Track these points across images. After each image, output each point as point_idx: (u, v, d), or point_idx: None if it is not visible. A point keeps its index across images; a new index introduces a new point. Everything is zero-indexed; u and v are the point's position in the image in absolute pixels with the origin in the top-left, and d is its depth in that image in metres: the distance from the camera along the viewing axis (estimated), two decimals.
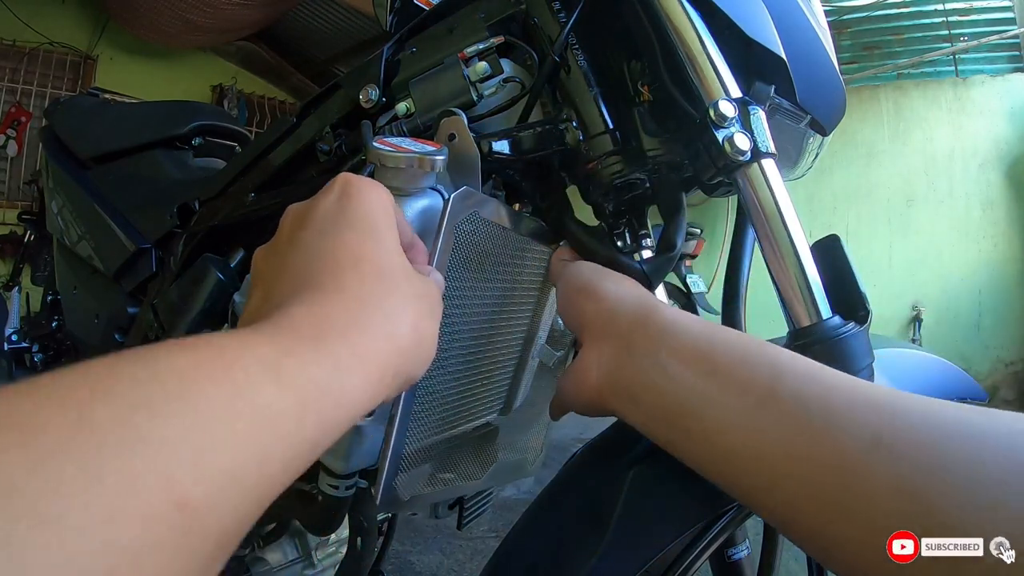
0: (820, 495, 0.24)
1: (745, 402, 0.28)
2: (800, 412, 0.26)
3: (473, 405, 0.49)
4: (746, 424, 0.27)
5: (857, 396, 0.26)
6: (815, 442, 0.25)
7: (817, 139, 0.55)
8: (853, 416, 0.25)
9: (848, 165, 3.70)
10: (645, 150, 0.47)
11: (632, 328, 0.35)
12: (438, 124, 0.44)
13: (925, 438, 0.23)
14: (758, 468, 0.27)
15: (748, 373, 0.29)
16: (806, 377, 0.27)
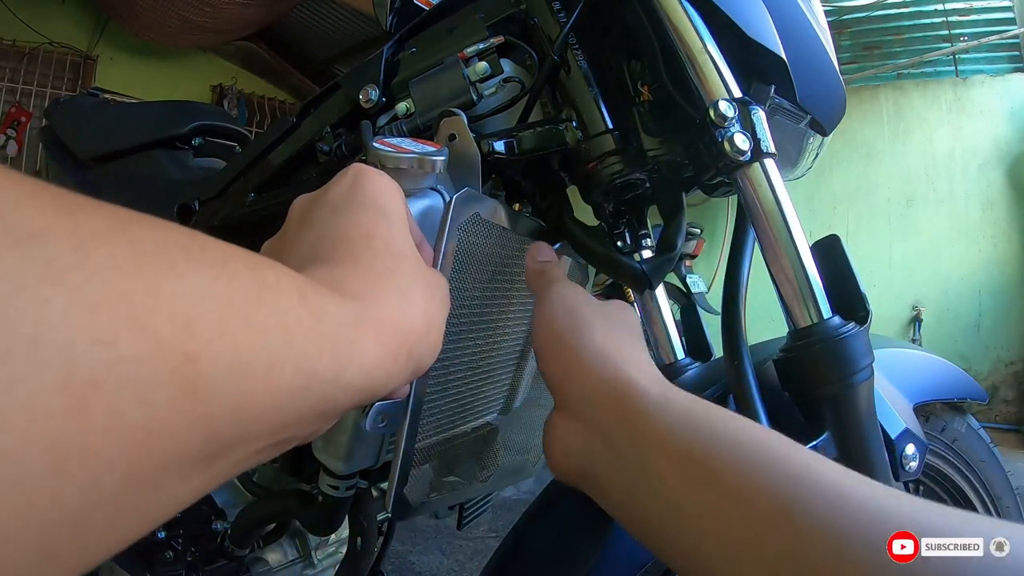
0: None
1: (753, 520, 0.23)
2: (820, 535, 0.22)
3: (473, 405, 0.49)
4: (753, 550, 0.23)
5: (882, 514, 0.22)
6: (840, 570, 0.21)
7: (817, 139, 0.55)
8: (875, 541, 0.21)
9: (848, 165, 3.71)
10: (645, 150, 0.47)
11: (606, 409, 0.29)
12: (438, 124, 0.44)
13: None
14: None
15: (758, 486, 0.24)
16: (832, 500, 0.23)
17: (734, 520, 0.24)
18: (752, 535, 0.23)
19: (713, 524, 0.24)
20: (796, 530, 0.22)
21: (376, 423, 0.37)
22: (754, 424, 0.27)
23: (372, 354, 0.21)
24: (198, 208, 0.78)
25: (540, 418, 0.57)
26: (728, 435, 0.25)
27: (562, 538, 0.44)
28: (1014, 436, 3.11)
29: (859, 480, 0.24)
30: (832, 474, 0.24)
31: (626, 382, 0.29)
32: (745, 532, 0.23)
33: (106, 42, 4.07)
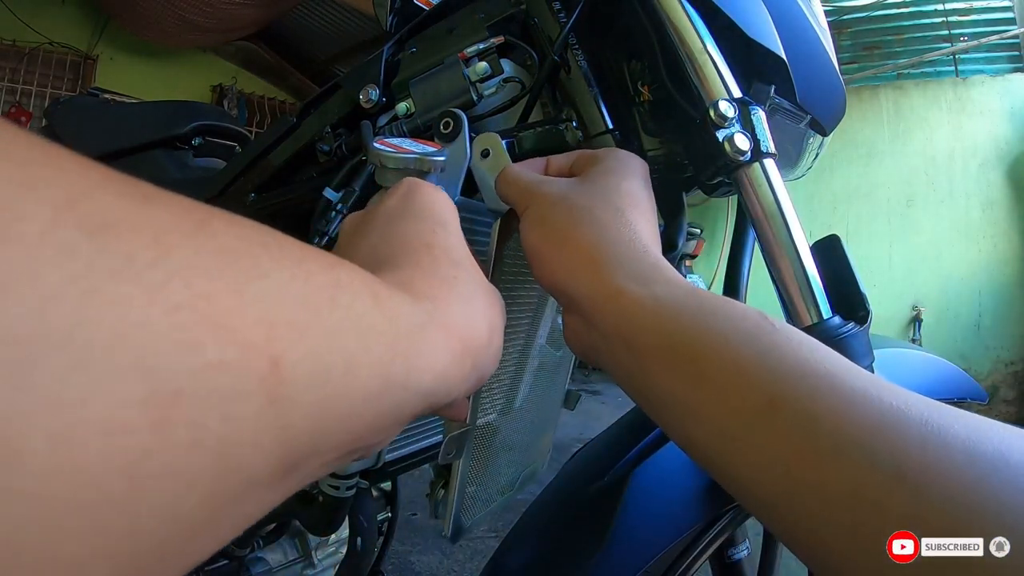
0: (825, 527, 0.21)
1: (740, 417, 0.23)
2: (807, 431, 0.22)
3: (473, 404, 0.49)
4: (741, 438, 0.23)
5: (882, 413, 0.21)
6: (823, 467, 0.21)
7: (817, 139, 0.55)
8: (873, 441, 0.20)
9: (848, 165, 3.71)
10: (645, 150, 0.47)
11: (593, 312, 0.29)
12: (439, 124, 0.44)
13: (962, 480, 0.19)
14: (755, 486, 0.23)
15: (742, 382, 0.23)
16: (818, 385, 0.22)
17: (718, 415, 0.24)
18: (736, 428, 0.23)
19: (699, 418, 0.25)
20: (778, 428, 0.22)
21: (447, 455, 0.37)
22: (740, 307, 0.26)
23: (442, 359, 0.20)
24: None
25: (541, 418, 0.57)
26: (714, 333, 0.25)
27: (562, 538, 0.44)
28: None
29: (854, 374, 0.23)
30: (823, 365, 0.23)
31: (611, 291, 0.28)
32: (730, 424, 0.23)
33: (106, 42, 4.07)
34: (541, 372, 0.55)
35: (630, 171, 0.35)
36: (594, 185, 0.33)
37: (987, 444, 0.20)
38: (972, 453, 0.19)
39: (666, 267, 0.29)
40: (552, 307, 0.52)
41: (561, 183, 0.34)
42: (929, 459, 0.20)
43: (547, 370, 0.55)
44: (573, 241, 0.30)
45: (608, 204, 0.32)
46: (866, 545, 0.20)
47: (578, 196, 0.32)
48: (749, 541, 0.54)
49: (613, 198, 0.32)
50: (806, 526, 0.22)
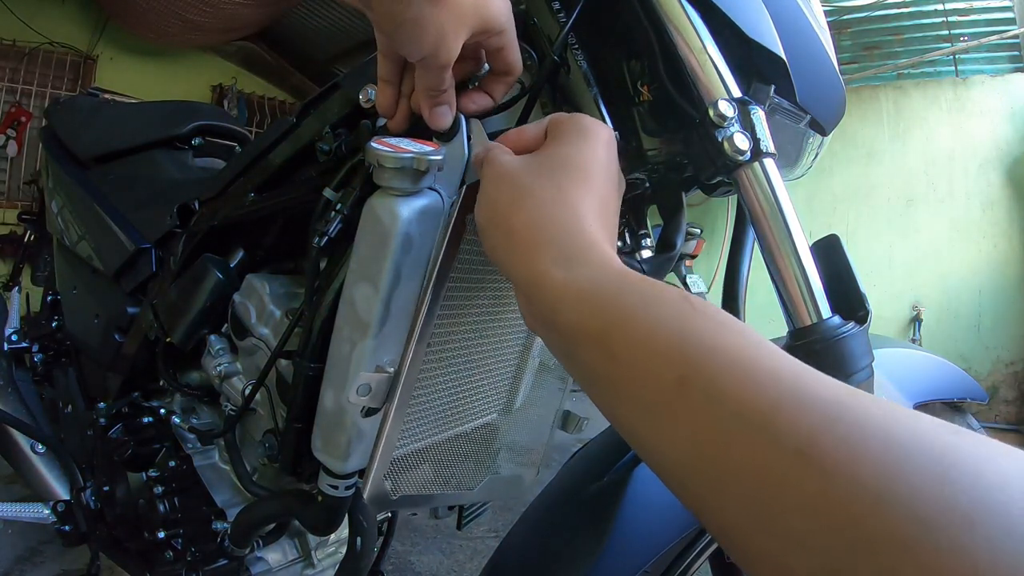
0: (731, 503, 0.21)
1: (652, 394, 0.24)
2: (713, 408, 0.22)
3: (473, 404, 0.49)
4: (655, 415, 0.24)
5: (792, 390, 0.21)
6: (728, 444, 0.21)
7: (817, 139, 0.55)
8: (778, 417, 0.21)
9: (848, 165, 3.71)
10: (645, 150, 0.47)
11: (526, 295, 0.30)
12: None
13: (876, 464, 0.18)
14: (669, 463, 0.24)
15: (654, 360, 0.24)
16: (727, 362, 0.23)
17: (631, 391, 0.25)
18: (647, 403, 0.24)
19: (616, 393, 0.26)
20: (687, 405, 0.23)
21: (359, 395, 0.37)
22: (661, 287, 0.27)
23: None
24: (198, 208, 0.78)
25: (541, 420, 0.57)
26: (628, 309, 0.26)
27: (562, 538, 0.44)
28: (1014, 436, 3.11)
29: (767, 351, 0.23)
30: (735, 343, 0.23)
31: (534, 269, 0.29)
32: (642, 400, 0.24)
33: (106, 42, 4.07)
34: (542, 372, 0.55)
35: (588, 141, 0.34)
36: (545, 159, 0.34)
37: (903, 430, 0.19)
38: (888, 438, 0.19)
39: (598, 247, 0.30)
40: None
41: (513, 159, 0.34)
42: (839, 440, 0.19)
43: (548, 371, 0.55)
44: (510, 221, 0.31)
45: (551, 181, 0.32)
46: (768, 523, 0.20)
47: (523, 173, 0.33)
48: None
49: (558, 175, 0.33)
50: (714, 503, 0.22)
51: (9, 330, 1.12)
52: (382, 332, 0.40)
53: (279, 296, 0.65)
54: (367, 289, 0.40)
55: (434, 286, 0.38)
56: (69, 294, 1.04)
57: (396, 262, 0.39)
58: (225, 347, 0.71)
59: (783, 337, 0.42)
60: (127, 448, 0.80)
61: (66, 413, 1.00)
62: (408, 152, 0.38)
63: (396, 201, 0.39)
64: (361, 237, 0.41)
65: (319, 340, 0.53)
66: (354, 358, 0.41)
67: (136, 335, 0.83)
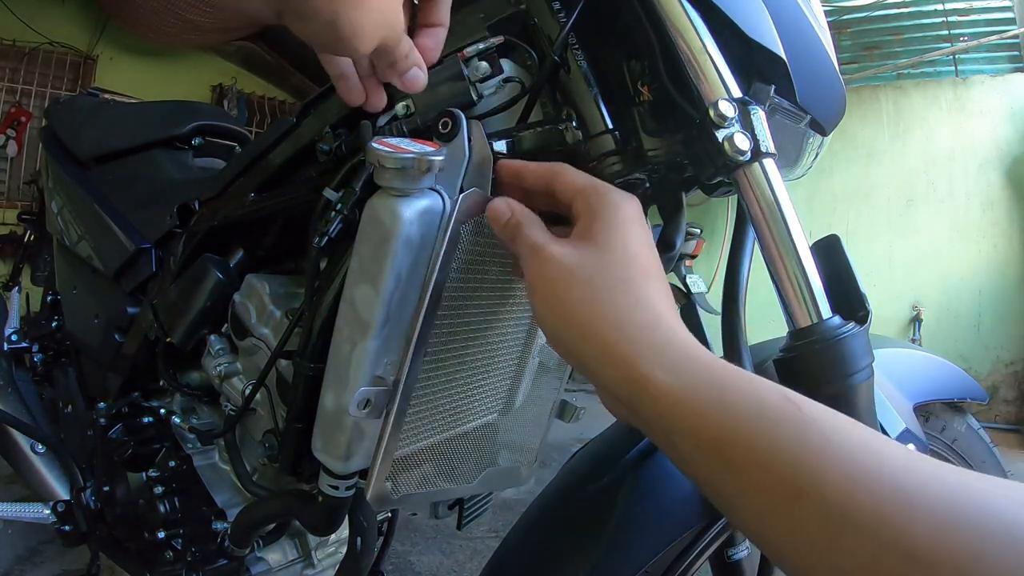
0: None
1: (771, 502, 0.25)
2: (828, 520, 0.24)
3: (474, 405, 0.49)
4: (774, 522, 0.26)
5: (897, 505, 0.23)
6: (843, 551, 0.23)
7: (817, 139, 0.55)
8: (890, 528, 0.22)
9: (848, 165, 3.71)
10: (645, 150, 0.47)
11: (627, 401, 0.31)
12: (437, 124, 0.44)
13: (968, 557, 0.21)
14: (788, 561, 0.26)
15: (771, 475, 0.26)
16: (838, 475, 0.24)
17: (749, 500, 0.26)
18: (766, 512, 0.26)
19: (735, 500, 0.27)
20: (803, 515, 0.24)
21: (359, 408, 0.37)
22: (764, 386, 0.28)
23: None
24: (198, 208, 0.78)
25: (539, 418, 0.57)
26: (744, 417, 0.27)
27: (562, 538, 0.44)
28: (1014, 436, 3.11)
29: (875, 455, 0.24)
30: (841, 452, 0.25)
31: (639, 383, 0.30)
32: (761, 509, 0.26)
33: (106, 42, 4.07)
34: (541, 372, 0.55)
35: (631, 223, 0.35)
36: (599, 252, 0.33)
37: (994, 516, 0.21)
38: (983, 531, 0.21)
39: (691, 345, 0.31)
40: None
41: (565, 247, 0.34)
42: (938, 538, 0.21)
43: (548, 371, 0.55)
44: (589, 324, 0.31)
45: (618, 276, 0.33)
46: None
47: (583, 266, 0.33)
48: (749, 541, 0.54)
49: (622, 269, 0.33)
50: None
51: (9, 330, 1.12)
52: (383, 333, 0.40)
53: (279, 296, 0.65)
54: (368, 290, 0.40)
55: (432, 293, 0.38)
56: (69, 294, 1.04)
57: (397, 263, 0.39)
58: (225, 347, 0.71)
59: (783, 337, 0.42)
60: (127, 448, 0.80)
61: (66, 413, 1.00)
62: (409, 152, 0.38)
63: (397, 201, 0.39)
64: (362, 237, 0.41)
65: (319, 340, 0.53)
66: (355, 358, 0.41)
67: (136, 335, 0.83)
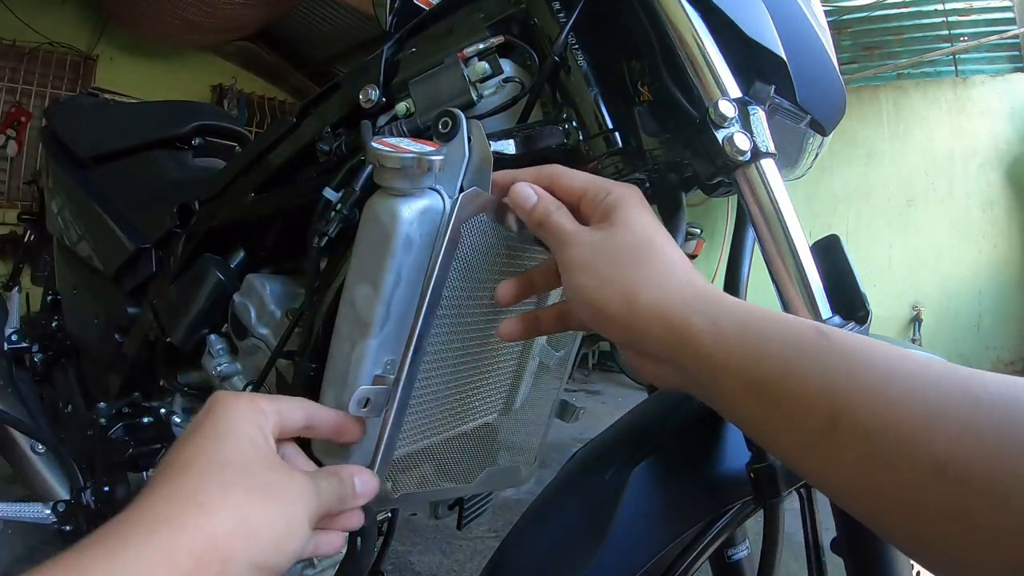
0: (891, 522, 0.25)
1: (810, 433, 0.27)
2: (861, 442, 0.25)
3: (474, 405, 0.49)
4: (814, 452, 0.27)
5: (924, 419, 0.24)
6: (877, 472, 0.24)
7: (817, 139, 0.55)
8: (914, 445, 0.23)
9: (848, 165, 3.71)
10: (645, 150, 0.47)
11: (673, 356, 0.32)
12: (437, 124, 0.44)
13: (996, 466, 0.22)
14: (833, 491, 0.27)
15: (807, 404, 0.27)
16: (869, 403, 0.25)
17: (791, 433, 0.27)
18: (807, 444, 0.27)
19: (777, 435, 0.28)
20: (839, 443, 0.25)
21: (359, 407, 0.37)
22: (798, 325, 0.29)
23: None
24: (198, 208, 0.78)
25: (539, 418, 0.57)
26: (778, 352, 0.28)
27: (562, 538, 0.44)
28: None
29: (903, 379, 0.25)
30: (874, 382, 0.26)
31: (681, 333, 0.31)
32: (802, 441, 0.27)
33: (106, 42, 4.07)
34: (541, 372, 0.55)
35: (639, 207, 0.36)
36: (621, 230, 0.35)
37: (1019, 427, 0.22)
38: (1003, 439, 0.22)
39: (709, 288, 0.33)
40: None
41: (592, 232, 0.36)
42: (966, 452, 0.22)
43: (548, 371, 0.55)
44: (621, 287, 0.33)
45: (641, 244, 0.35)
46: (922, 536, 0.23)
47: (612, 244, 0.35)
48: (749, 541, 0.54)
49: (644, 240, 0.35)
50: (875, 522, 0.26)
51: (9, 330, 1.12)
52: (383, 332, 0.41)
53: (279, 296, 0.65)
54: (367, 289, 0.40)
55: (432, 293, 0.38)
56: (69, 294, 1.04)
57: (397, 262, 0.39)
58: (225, 347, 0.71)
59: None
60: (127, 448, 0.80)
61: (66, 413, 1.00)
62: (409, 152, 0.38)
63: (397, 201, 0.39)
64: (361, 237, 0.41)
65: (319, 340, 0.53)
66: (354, 358, 0.41)
67: (136, 335, 0.83)
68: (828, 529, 0.46)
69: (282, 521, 0.29)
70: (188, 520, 0.26)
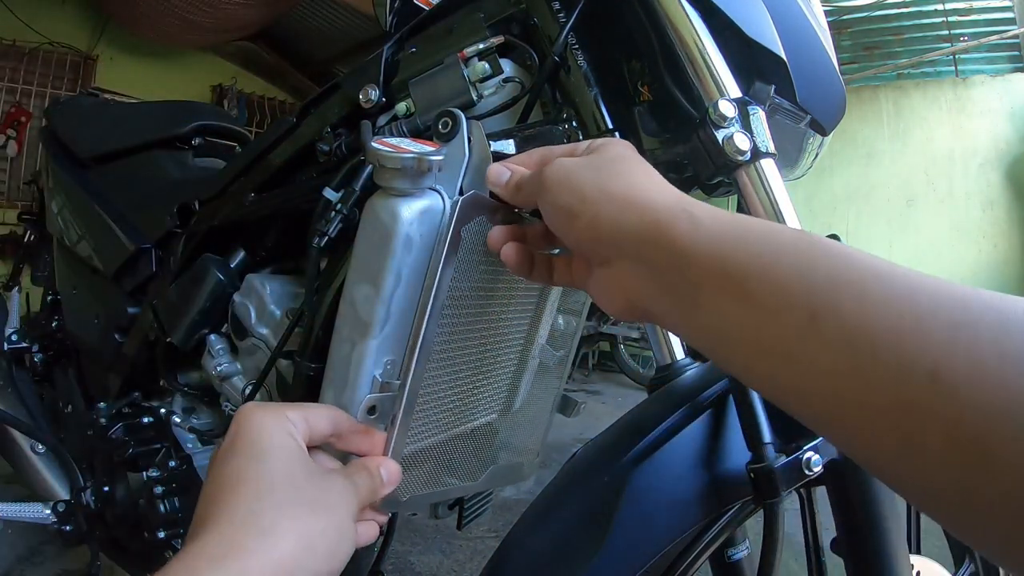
0: (876, 438, 0.22)
1: (787, 333, 0.24)
2: (844, 344, 0.22)
3: (474, 405, 0.49)
4: (787, 356, 0.24)
5: (913, 322, 0.21)
6: (863, 378, 0.22)
7: (817, 139, 0.55)
8: (904, 347, 0.21)
9: (848, 165, 3.71)
10: (645, 150, 0.47)
11: (642, 251, 0.30)
12: (437, 124, 0.44)
13: (991, 380, 0.19)
14: (807, 404, 0.24)
15: (785, 299, 0.24)
16: (852, 298, 0.23)
17: (768, 333, 0.25)
18: (782, 348, 0.24)
19: (750, 339, 0.25)
20: (820, 339, 0.23)
21: (367, 415, 0.37)
22: (780, 228, 0.27)
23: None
24: (198, 208, 0.78)
25: (539, 417, 0.57)
26: (759, 254, 0.26)
27: (562, 538, 0.44)
28: None
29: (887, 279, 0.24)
30: (860, 278, 0.24)
31: (657, 223, 0.29)
32: (777, 343, 0.24)
33: (106, 42, 4.07)
34: (542, 372, 0.55)
35: (628, 145, 0.36)
36: (604, 150, 0.35)
37: (1015, 337, 0.19)
38: (1002, 349, 0.19)
39: (703, 204, 0.30)
40: (552, 307, 0.52)
41: (577, 158, 0.35)
42: (959, 358, 0.20)
43: (548, 371, 0.55)
44: (603, 185, 0.32)
45: (625, 158, 0.34)
46: (909, 451, 0.21)
47: (594, 159, 0.34)
48: (749, 541, 0.54)
49: (627, 155, 0.34)
50: (857, 437, 0.23)
51: (9, 330, 1.12)
52: (383, 333, 0.41)
53: (279, 296, 0.65)
54: (368, 289, 0.40)
55: (434, 297, 0.38)
56: (69, 294, 1.04)
57: (397, 262, 0.39)
58: (225, 347, 0.71)
59: None
60: (127, 448, 0.80)
61: (66, 413, 1.00)
62: (409, 152, 0.38)
63: (397, 201, 0.39)
64: (362, 237, 0.41)
65: (319, 340, 0.53)
66: (354, 358, 0.41)
67: (136, 335, 0.83)
68: (828, 529, 0.46)
69: (334, 530, 0.31)
70: (253, 547, 0.27)
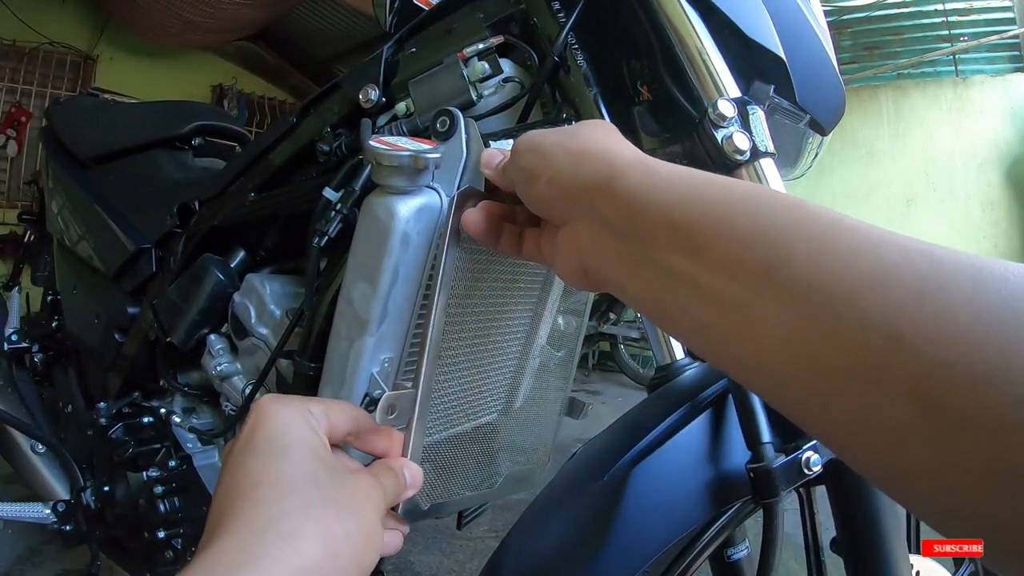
0: (833, 403, 0.20)
1: (741, 286, 0.22)
2: (800, 298, 0.20)
3: (475, 402, 0.49)
4: (744, 310, 0.22)
5: (878, 271, 0.19)
6: (820, 337, 0.20)
7: (817, 139, 0.55)
8: (865, 306, 0.19)
9: (848, 165, 3.71)
10: (645, 150, 0.47)
11: (595, 201, 0.29)
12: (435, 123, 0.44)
13: (952, 333, 0.17)
14: (761, 369, 0.22)
15: (741, 252, 0.23)
16: (813, 252, 0.21)
17: (720, 290, 0.23)
18: (734, 307, 0.23)
19: (700, 297, 0.24)
20: (775, 294, 0.21)
21: (385, 415, 0.37)
22: (741, 182, 0.26)
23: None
24: (198, 208, 0.78)
25: (541, 417, 0.57)
26: (712, 204, 0.25)
27: (561, 538, 0.44)
28: None
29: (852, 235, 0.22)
30: (821, 232, 0.22)
31: (609, 170, 0.28)
32: (730, 302, 0.23)
33: (106, 42, 4.07)
34: (542, 373, 0.55)
35: (606, 122, 0.36)
36: (578, 124, 0.34)
37: (994, 295, 0.18)
38: (978, 308, 0.17)
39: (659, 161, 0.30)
40: (552, 307, 0.52)
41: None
42: (926, 317, 0.18)
43: (549, 371, 0.55)
44: (562, 138, 0.31)
45: (588, 123, 0.33)
46: (871, 418, 0.19)
47: (562, 127, 0.34)
48: (749, 541, 0.54)
49: (589, 123, 0.34)
50: (814, 402, 0.21)
51: (9, 330, 1.12)
52: (380, 330, 0.41)
53: (279, 296, 0.65)
54: (365, 287, 0.40)
55: (440, 295, 0.38)
56: (69, 294, 1.04)
57: (394, 260, 0.39)
58: (225, 347, 0.71)
59: None
60: (127, 448, 0.80)
61: (66, 413, 1.00)
62: (406, 150, 0.38)
63: (394, 199, 0.39)
64: (359, 235, 0.41)
65: (319, 340, 0.53)
66: (352, 356, 0.41)
67: (136, 335, 0.83)
68: (828, 529, 0.46)
69: (361, 533, 0.29)
70: (275, 553, 0.26)
